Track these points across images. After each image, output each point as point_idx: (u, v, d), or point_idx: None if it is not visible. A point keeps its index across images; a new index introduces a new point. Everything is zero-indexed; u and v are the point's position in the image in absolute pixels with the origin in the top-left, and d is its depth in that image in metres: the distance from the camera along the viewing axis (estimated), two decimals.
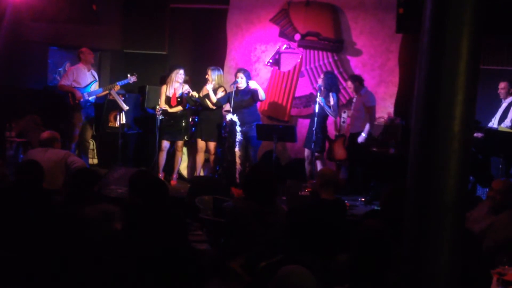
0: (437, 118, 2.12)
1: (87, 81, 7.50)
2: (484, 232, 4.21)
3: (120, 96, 7.54)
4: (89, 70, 7.60)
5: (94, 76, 7.65)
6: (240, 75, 7.24)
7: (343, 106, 8.06)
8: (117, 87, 7.43)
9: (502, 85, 6.76)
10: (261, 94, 7.17)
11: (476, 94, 2.19)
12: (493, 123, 6.83)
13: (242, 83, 7.22)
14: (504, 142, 6.21)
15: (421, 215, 2.21)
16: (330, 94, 7.22)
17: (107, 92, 7.53)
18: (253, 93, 7.22)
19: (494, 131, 6.60)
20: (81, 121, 7.52)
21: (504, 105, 6.77)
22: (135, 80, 7.51)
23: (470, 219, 4.39)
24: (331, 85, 7.28)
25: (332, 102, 7.21)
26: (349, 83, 7.30)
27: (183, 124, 7.44)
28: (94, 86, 7.57)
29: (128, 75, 7.47)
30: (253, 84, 7.23)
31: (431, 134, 2.14)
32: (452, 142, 2.09)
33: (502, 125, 6.64)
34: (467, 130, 2.13)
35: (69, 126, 7.51)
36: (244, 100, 7.21)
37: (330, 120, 7.41)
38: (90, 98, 7.49)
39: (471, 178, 5.92)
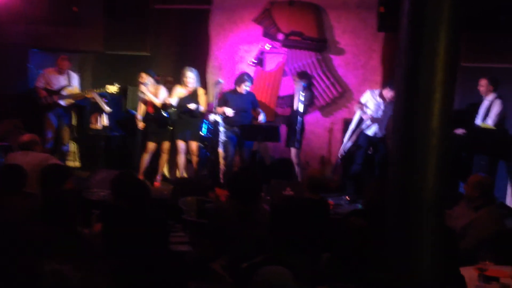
0: (415, 115, 2.12)
1: (59, 85, 7.46)
2: (465, 229, 4.23)
3: (103, 98, 7.48)
4: (63, 74, 7.54)
5: (70, 81, 7.58)
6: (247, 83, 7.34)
7: (327, 105, 8.10)
8: (93, 94, 7.41)
9: (482, 82, 6.81)
10: (261, 117, 7.31)
11: (454, 91, 2.19)
12: (477, 120, 6.88)
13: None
14: (486, 139, 6.26)
15: (402, 212, 2.22)
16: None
17: (82, 96, 7.48)
18: (254, 100, 7.40)
19: (477, 128, 6.65)
20: (52, 124, 7.45)
21: (486, 103, 6.81)
22: (117, 90, 7.43)
23: (452, 216, 4.41)
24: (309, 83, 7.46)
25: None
26: None
27: (168, 126, 7.38)
28: (67, 91, 7.50)
29: (107, 86, 7.39)
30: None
31: (410, 131, 2.14)
32: (430, 138, 2.10)
33: (484, 122, 6.69)
34: (445, 127, 2.14)
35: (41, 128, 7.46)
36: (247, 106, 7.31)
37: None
38: (61, 102, 7.43)
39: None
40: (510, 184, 7.20)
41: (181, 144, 7.33)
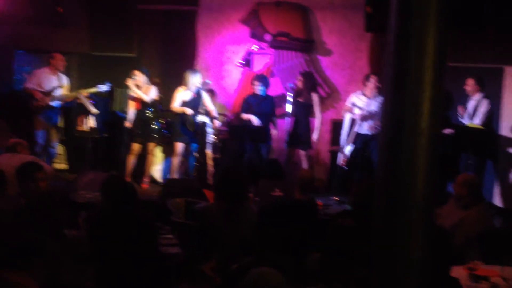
0: (404, 114, 2.10)
1: (50, 86, 7.35)
2: (454, 228, 4.24)
3: (89, 99, 7.41)
4: (55, 75, 7.44)
5: (60, 82, 7.48)
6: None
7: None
8: (85, 93, 7.30)
9: (469, 82, 6.85)
10: None
11: (443, 90, 2.19)
12: (464, 120, 6.92)
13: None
14: (474, 139, 6.30)
15: (391, 212, 2.20)
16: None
17: (73, 97, 7.39)
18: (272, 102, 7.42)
19: (464, 127, 6.68)
20: (43, 126, 7.36)
21: (473, 102, 6.85)
22: (108, 89, 7.36)
23: (441, 215, 4.42)
24: (312, 83, 7.44)
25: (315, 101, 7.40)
26: None
27: (156, 126, 7.32)
28: (59, 92, 7.41)
29: (98, 85, 7.31)
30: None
31: (399, 131, 2.12)
32: (420, 138, 2.08)
33: (472, 121, 6.72)
34: (435, 126, 2.12)
35: (30, 130, 7.35)
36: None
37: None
38: (52, 103, 7.34)
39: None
40: (497, 184, 7.26)
41: (180, 147, 7.24)
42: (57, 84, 7.40)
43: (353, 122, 7.14)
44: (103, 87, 7.26)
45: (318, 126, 7.39)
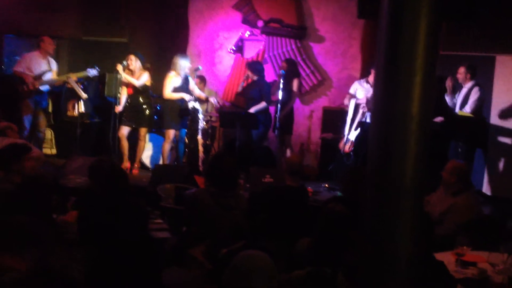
0: (395, 100, 2.10)
1: (40, 70, 7.28)
2: (444, 215, 4.28)
3: (79, 84, 7.35)
4: (45, 59, 7.37)
5: (50, 66, 7.41)
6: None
7: (306, 93, 8.09)
8: (74, 77, 7.24)
9: (460, 70, 6.86)
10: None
11: (434, 76, 2.19)
12: (456, 108, 6.94)
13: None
14: (463, 126, 6.32)
15: (381, 198, 2.21)
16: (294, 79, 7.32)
17: (62, 81, 7.32)
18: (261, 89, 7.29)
19: (455, 115, 6.70)
20: (31, 110, 7.30)
21: (464, 90, 6.86)
22: (96, 74, 7.28)
23: (430, 203, 4.45)
24: (295, 70, 7.41)
25: (295, 88, 7.28)
26: None
27: (147, 112, 7.27)
28: (48, 76, 7.35)
29: (88, 69, 7.23)
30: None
31: (389, 116, 2.12)
32: (410, 124, 2.08)
33: (463, 110, 6.74)
34: (425, 112, 2.13)
35: (18, 115, 7.29)
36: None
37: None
38: (41, 87, 7.28)
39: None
40: (486, 172, 7.30)
41: (171, 133, 7.21)
42: (46, 68, 7.33)
43: (356, 108, 7.12)
44: (92, 71, 7.20)
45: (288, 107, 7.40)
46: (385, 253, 2.18)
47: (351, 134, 7.05)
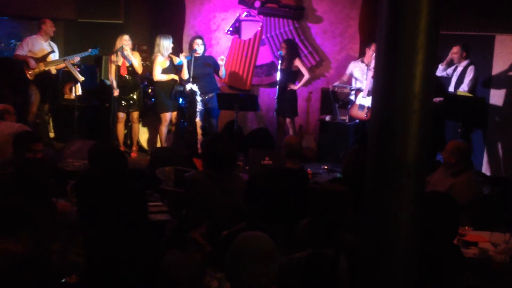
0: (397, 78, 2.07)
1: (43, 52, 7.24)
2: None
3: (76, 67, 7.30)
4: (46, 42, 7.33)
5: (52, 48, 7.38)
6: (200, 41, 7.08)
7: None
8: (77, 58, 7.20)
9: (455, 49, 6.82)
10: (222, 73, 7.10)
11: (435, 54, 2.15)
12: (450, 87, 6.91)
13: (200, 50, 7.07)
14: (463, 106, 6.29)
15: (382, 177, 2.18)
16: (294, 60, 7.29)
17: (62, 65, 7.28)
18: (214, 63, 7.09)
19: (453, 95, 6.67)
20: (38, 92, 7.27)
21: (459, 69, 6.83)
22: (97, 52, 7.27)
23: (430, 183, 4.44)
24: (296, 51, 7.36)
25: (301, 67, 7.34)
26: None
27: (135, 95, 7.23)
28: (53, 57, 7.31)
29: (90, 49, 7.20)
30: (220, 62, 7.09)
31: (391, 95, 2.09)
32: (412, 102, 2.06)
33: (460, 89, 6.71)
34: (427, 90, 2.10)
35: (26, 100, 7.25)
36: (205, 68, 7.09)
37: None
38: (45, 69, 7.24)
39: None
40: (486, 152, 7.29)
41: (167, 116, 7.18)
42: (49, 50, 7.31)
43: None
44: (94, 51, 7.21)
45: (305, 80, 7.37)
46: (386, 233, 2.16)
47: (366, 100, 6.95)
